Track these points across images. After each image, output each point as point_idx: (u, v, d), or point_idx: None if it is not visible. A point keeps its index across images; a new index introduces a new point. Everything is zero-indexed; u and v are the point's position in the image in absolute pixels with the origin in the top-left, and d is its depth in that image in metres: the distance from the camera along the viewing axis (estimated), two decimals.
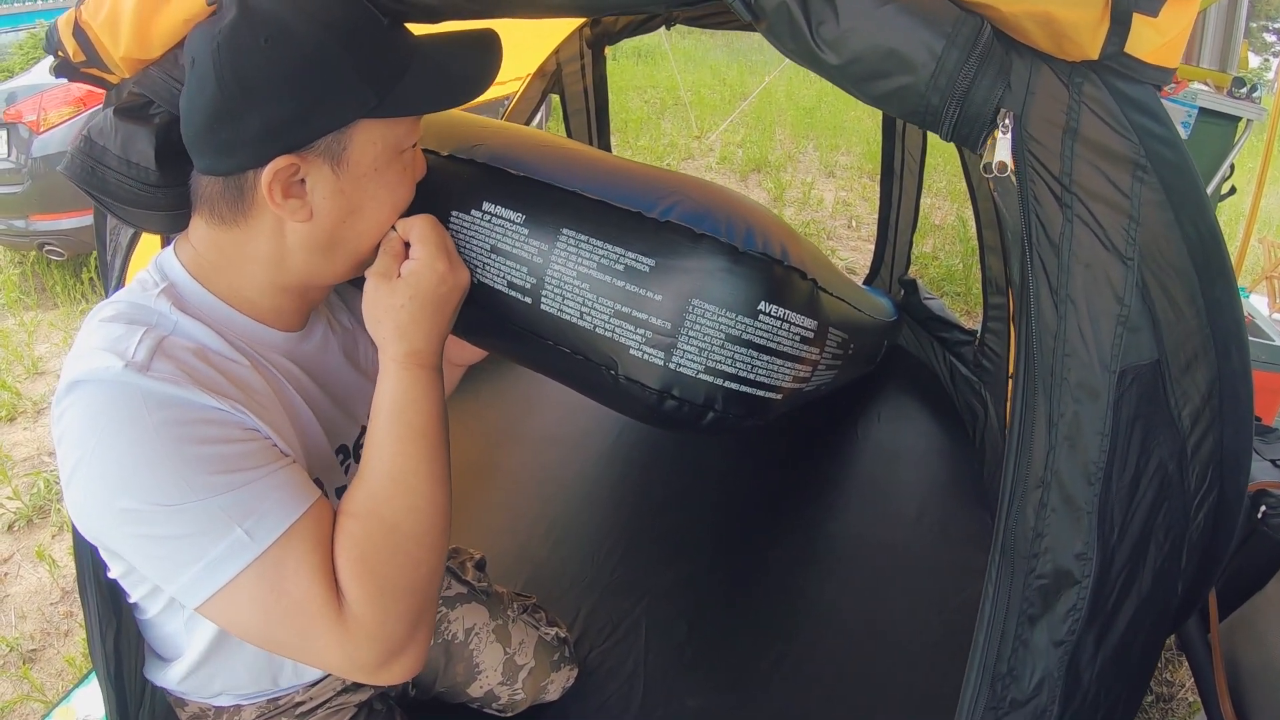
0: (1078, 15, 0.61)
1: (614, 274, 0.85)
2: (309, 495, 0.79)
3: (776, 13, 0.69)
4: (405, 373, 0.86)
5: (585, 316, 0.87)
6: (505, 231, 0.91)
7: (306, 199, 0.82)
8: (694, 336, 0.83)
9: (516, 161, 0.96)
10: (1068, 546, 0.69)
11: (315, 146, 0.80)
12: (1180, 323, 0.66)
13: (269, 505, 0.74)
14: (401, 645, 0.79)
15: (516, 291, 0.91)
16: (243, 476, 0.74)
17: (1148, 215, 0.64)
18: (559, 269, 0.88)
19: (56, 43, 0.96)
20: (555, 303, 0.89)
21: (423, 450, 0.85)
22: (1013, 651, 0.71)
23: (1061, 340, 0.66)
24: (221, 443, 0.75)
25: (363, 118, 0.81)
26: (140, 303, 0.83)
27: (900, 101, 0.69)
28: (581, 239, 0.87)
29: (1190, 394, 0.67)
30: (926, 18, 0.65)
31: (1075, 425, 0.67)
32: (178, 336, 0.81)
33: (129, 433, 0.72)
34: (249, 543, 0.73)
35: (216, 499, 0.72)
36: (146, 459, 0.72)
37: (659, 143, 7.21)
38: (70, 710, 1.92)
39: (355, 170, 0.83)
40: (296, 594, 0.74)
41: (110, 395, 0.72)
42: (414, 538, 0.82)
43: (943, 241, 5.07)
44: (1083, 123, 0.64)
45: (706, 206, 0.87)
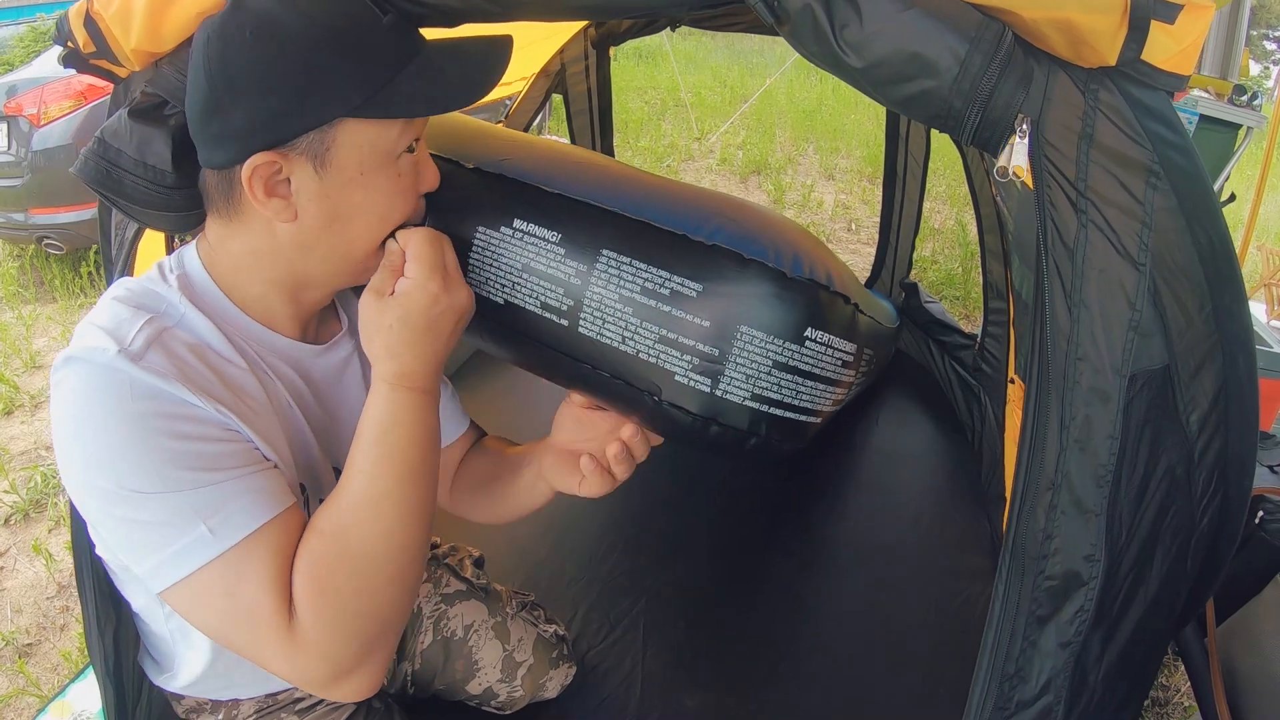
0: (1097, 22, 0.62)
1: (659, 298, 0.82)
2: (280, 503, 0.78)
3: (800, 16, 0.69)
4: (394, 394, 0.84)
5: (628, 341, 0.84)
6: (539, 250, 0.88)
7: (290, 200, 0.80)
8: (741, 363, 0.82)
9: (548, 177, 0.93)
10: (1077, 548, 0.69)
11: (297, 144, 0.78)
12: (1190, 328, 0.66)
13: (236, 507, 0.75)
14: (351, 667, 0.78)
15: (551, 313, 0.88)
16: (214, 476, 0.75)
17: (1160, 221, 0.65)
18: (599, 291, 0.85)
19: (67, 33, 0.95)
20: (595, 326, 0.86)
21: (402, 476, 0.82)
22: (1021, 652, 0.72)
23: (1074, 344, 0.67)
24: (198, 440, 0.75)
25: (345, 117, 0.79)
26: (153, 288, 0.83)
27: (923, 105, 0.69)
28: (624, 261, 0.84)
29: (1198, 399, 0.68)
30: (950, 22, 0.65)
31: (1086, 428, 0.67)
32: (181, 329, 0.81)
33: (110, 416, 0.73)
34: (211, 540, 0.73)
35: (186, 493, 0.73)
36: (122, 444, 0.73)
37: (659, 144, 7.21)
38: (66, 705, 1.91)
39: (340, 174, 0.81)
40: (248, 599, 0.74)
41: (98, 378, 0.73)
42: (378, 565, 0.80)
43: (942, 245, 5.08)
44: (1098, 129, 0.65)
45: (751, 230, 0.84)
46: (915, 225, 2.86)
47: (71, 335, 2.83)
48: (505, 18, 0.88)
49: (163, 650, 0.99)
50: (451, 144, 1.00)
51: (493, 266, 0.91)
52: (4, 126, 4.26)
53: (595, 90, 2.82)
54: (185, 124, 0.83)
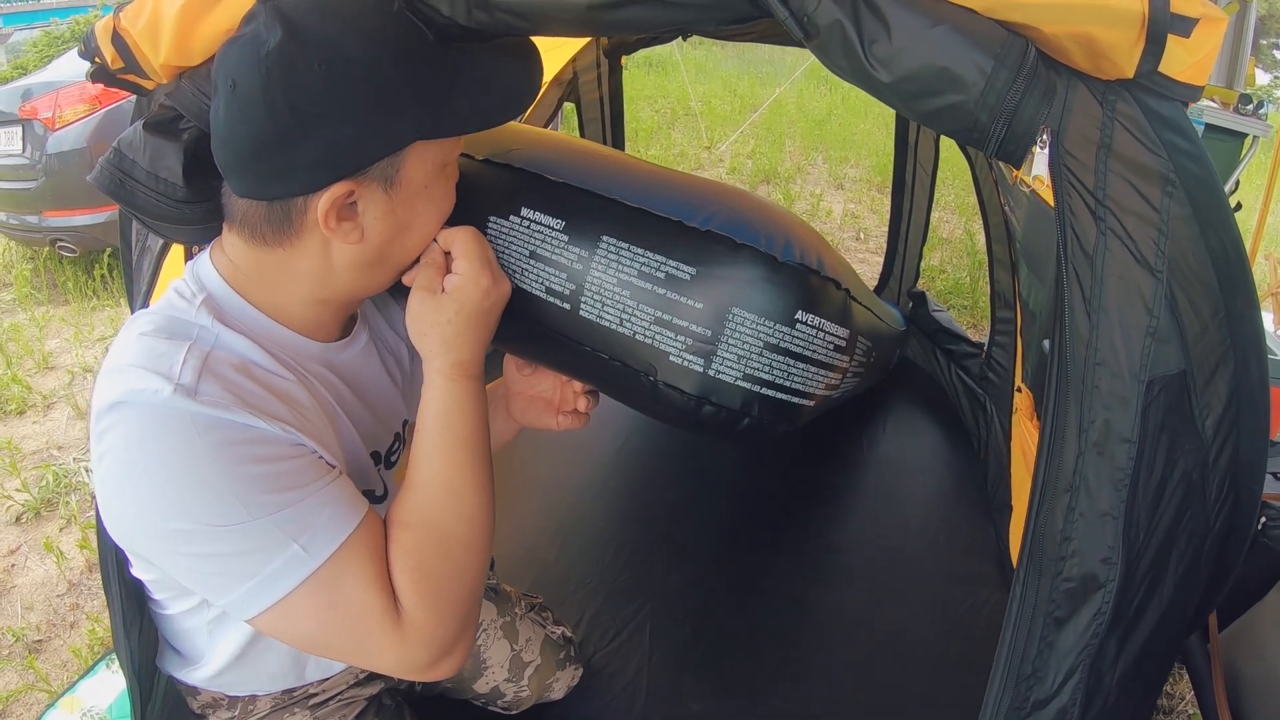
0: (1116, 36, 0.63)
1: (655, 281, 0.86)
2: (360, 507, 0.80)
3: (830, 31, 0.71)
4: (452, 384, 0.87)
5: (625, 323, 0.88)
6: (544, 238, 0.91)
7: (358, 220, 0.81)
8: (733, 344, 0.85)
9: (553, 167, 0.96)
10: (1095, 551, 0.70)
11: (370, 171, 0.79)
12: (1205, 335, 0.68)
13: (323, 520, 0.76)
14: (452, 645, 0.82)
15: (555, 298, 0.92)
16: (296, 495, 0.75)
17: (1176, 229, 0.66)
18: (599, 275, 0.89)
19: (94, 49, 0.95)
20: (595, 309, 0.90)
21: (469, 459, 0.87)
22: (1038, 653, 0.73)
23: (1093, 349, 0.68)
24: (273, 461, 0.75)
25: (419, 139, 0.80)
26: (180, 316, 0.81)
27: (949, 119, 0.71)
28: (622, 246, 0.88)
29: (1213, 404, 0.69)
30: (976, 38, 0.67)
31: (1104, 432, 0.69)
32: (221, 350, 0.80)
33: (181, 456, 0.72)
34: (305, 557, 0.74)
35: (271, 516, 0.73)
36: (200, 481, 0.72)
37: (669, 152, 7.23)
38: (76, 700, 1.92)
39: (408, 190, 0.83)
40: (356, 604, 0.77)
41: (159, 420, 0.72)
42: (464, 544, 0.84)
43: (950, 255, 5.08)
44: (1116, 139, 0.67)
45: (745, 216, 0.88)
46: (923, 234, 2.87)
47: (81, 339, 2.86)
48: (534, 33, 0.90)
49: (191, 644, 1.00)
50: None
51: (503, 254, 0.94)
52: (19, 130, 4.30)
53: (607, 99, 2.83)
54: (199, 139, 0.83)
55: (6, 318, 4.11)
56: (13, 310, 4.23)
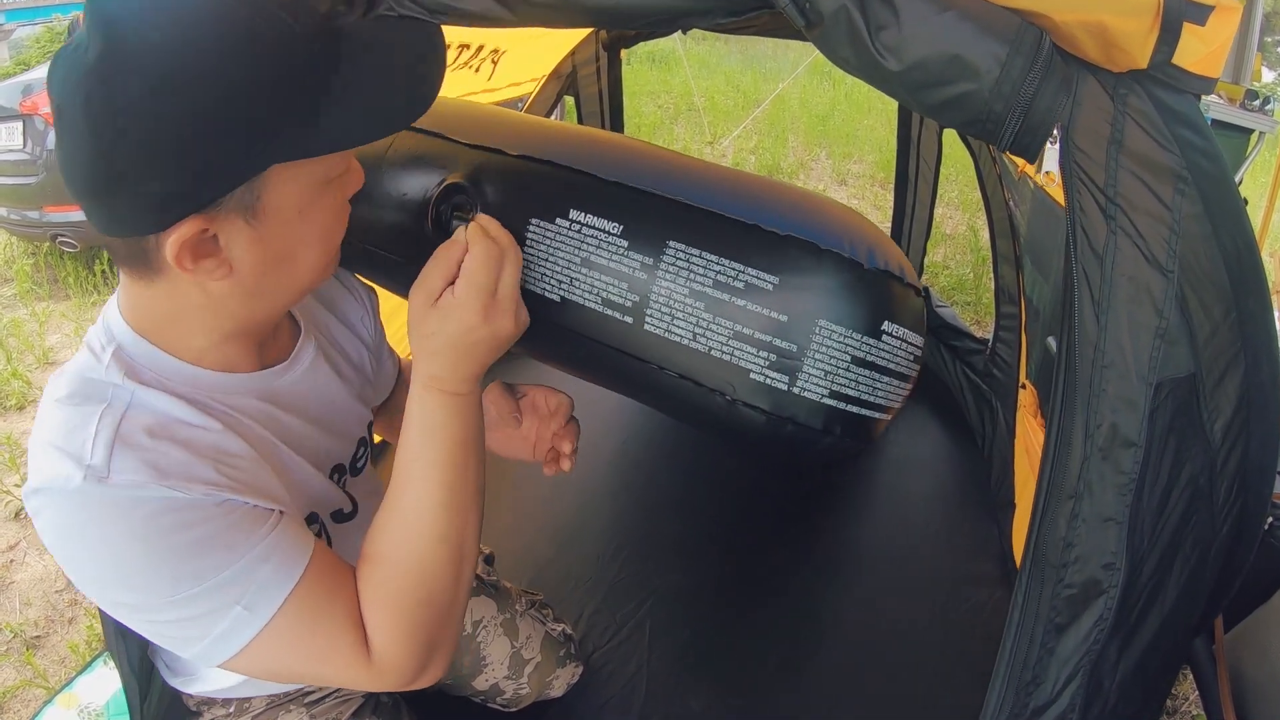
0: (1130, 24, 0.61)
1: (733, 292, 0.78)
2: (303, 553, 0.76)
3: (834, 18, 0.67)
4: (428, 395, 0.82)
5: (699, 338, 0.80)
6: (599, 243, 0.83)
7: (222, 255, 0.71)
8: (819, 359, 0.78)
9: (601, 164, 0.88)
10: (1097, 557, 0.69)
11: (224, 203, 0.68)
12: (1215, 336, 0.66)
13: (262, 577, 0.72)
14: (427, 663, 0.80)
15: (614, 310, 0.84)
16: (229, 557, 0.71)
17: (1188, 228, 0.64)
18: (667, 285, 0.80)
19: None
20: (662, 323, 0.82)
21: (450, 479, 0.81)
22: (1038, 660, 0.72)
23: (1101, 351, 0.66)
24: (198, 527, 0.70)
25: (278, 163, 0.69)
26: (91, 376, 0.75)
27: (961, 109, 0.68)
28: (693, 253, 0.80)
29: (1222, 406, 0.68)
30: (989, 25, 0.64)
31: (1110, 436, 0.67)
32: (136, 411, 0.73)
33: (105, 541, 0.69)
34: (250, 617, 0.72)
35: (206, 584, 0.70)
36: (128, 562, 0.69)
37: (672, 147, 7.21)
38: (73, 697, 1.92)
39: (276, 219, 0.72)
40: (318, 646, 0.75)
41: (76, 509, 0.68)
42: (441, 569, 0.80)
43: (954, 251, 5.06)
44: (1127, 134, 0.65)
45: (822, 219, 0.81)
46: (926, 230, 2.86)
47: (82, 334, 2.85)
48: (517, 23, 0.85)
49: (181, 663, 1.00)
50: (487, 133, 0.95)
51: (548, 261, 0.86)
52: (19, 125, 4.30)
53: (607, 92, 2.82)
54: None
55: (7, 313, 4.12)
56: (13, 305, 4.24)
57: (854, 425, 0.82)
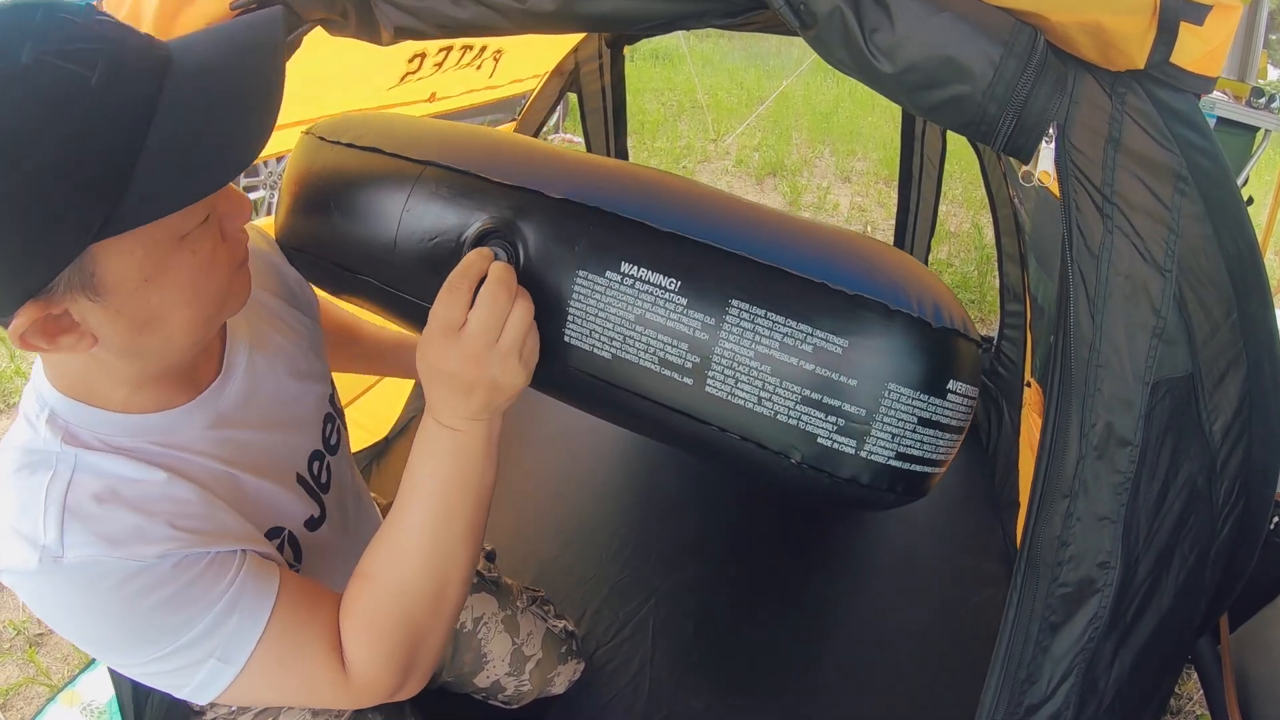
0: (1126, 24, 0.61)
1: (801, 355, 0.74)
2: (268, 595, 0.76)
3: (828, 20, 0.68)
4: (428, 423, 0.81)
5: (764, 402, 0.76)
6: (655, 300, 0.78)
7: (81, 329, 0.67)
8: (888, 422, 0.75)
9: (652, 210, 0.82)
10: (1091, 555, 0.69)
11: (55, 287, 0.63)
12: (1215, 336, 0.66)
13: (231, 629, 0.74)
14: (405, 682, 0.82)
15: (672, 370, 0.79)
16: (195, 613, 0.72)
17: (1187, 227, 0.64)
18: (730, 347, 0.76)
19: None
20: (725, 386, 0.77)
21: (436, 512, 0.80)
22: (1033, 658, 0.72)
23: (1096, 351, 0.66)
24: (162, 588, 0.71)
25: (90, 244, 0.62)
26: (32, 446, 0.74)
27: (956, 111, 0.68)
28: (758, 313, 0.75)
29: (1222, 408, 0.67)
30: (983, 26, 0.64)
31: (1105, 436, 0.67)
32: (82, 477, 0.72)
33: (72, 614, 0.71)
34: (225, 667, 0.74)
35: (177, 643, 0.72)
36: (100, 630, 0.72)
37: (675, 145, 7.21)
38: (75, 695, 1.93)
39: (119, 290, 0.66)
40: (296, 677, 0.77)
41: (41, 587, 0.70)
42: (421, 598, 0.80)
43: (957, 248, 5.06)
44: (1125, 133, 0.64)
45: (887, 274, 0.77)
46: (930, 228, 2.85)
47: None
48: (514, 31, 0.85)
49: None
50: (523, 170, 0.89)
51: (598, 317, 0.81)
52: None
53: (609, 89, 2.81)
54: None
55: None
56: None
57: (915, 483, 0.80)
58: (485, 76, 2.02)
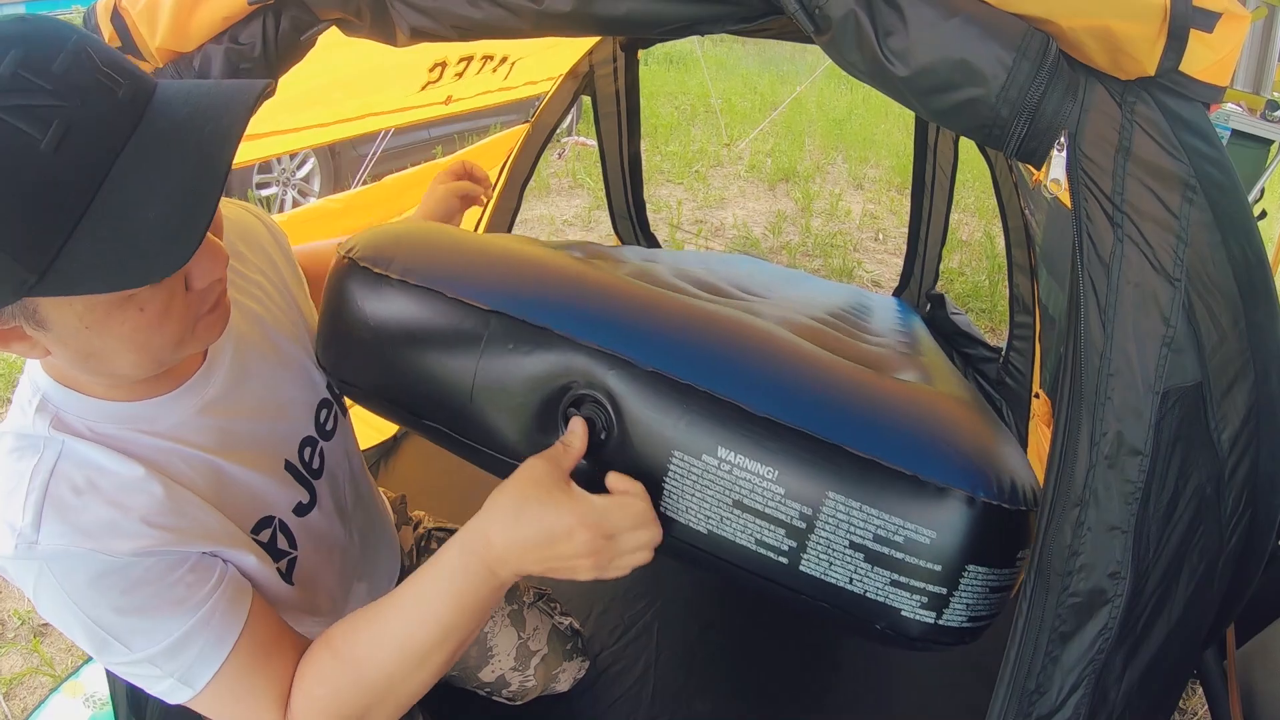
0: (1136, 30, 0.61)
1: (893, 545, 0.77)
2: (235, 624, 0.79)
3: (843, 24, 0.69)
4: (468, 552, 0.80)
5: (855, 582, 0.79)
6: (753, 488, 0.78)
7: (31, 340, 0.69)
8: (966, 596, 0.78)
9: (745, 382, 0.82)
10: (1102, 565, 0.68)
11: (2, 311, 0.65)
12: (1224, 345, 0.66)
13: (193, 653, 0.77)
14: None
15: (768, 550, 0.80)
16: (160, 622, 0.76)
17: (1196, 236, 0.64)
18: (826, 535, 0.78)
19: (93, 26, 0.95)
20: (819, 567, 0.79)
21: (439, 631, 0.80)
22: (1042, 668, 0.71)
23: (1107, 359, 0.66)
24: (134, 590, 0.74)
25: (26, 296, 0.62)
26: (23, 431, 0.76)
27: (968, 115, 0.69)
28: (853, 505, 0.77)
29: (1230, 417, 0.67)
30: (995, 30, 0.65)
31: (1116, 445, 0.67)
32: (66, 465, 0.75)
33: (44, 600, 0.74)
34: (182, 688, 0.78)
35: (141, 653, 0.76)
36: (69, 621, 0.75)
37: (689, 149, 7.22)
38: (79, 685, 1.94)
39: (62, 329, 0.68)
40: (245, 712, 0.81)
41: (19, 571, 0.73)
42: (389, 700, 0.82)
43: (969, 257, 5.06)
44: (1135, 142, 0.64)
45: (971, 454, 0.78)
46: (942, 236, 2.86)
47: None
48: (529, 33, 0.85)
49: None
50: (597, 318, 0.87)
51: (694, 496, 0.81)
52: None
53: (624, 93, 2.82)
54: None
55: None
56: None
57: (975, 634, 0.82)
58: (500, 79, 2.04)
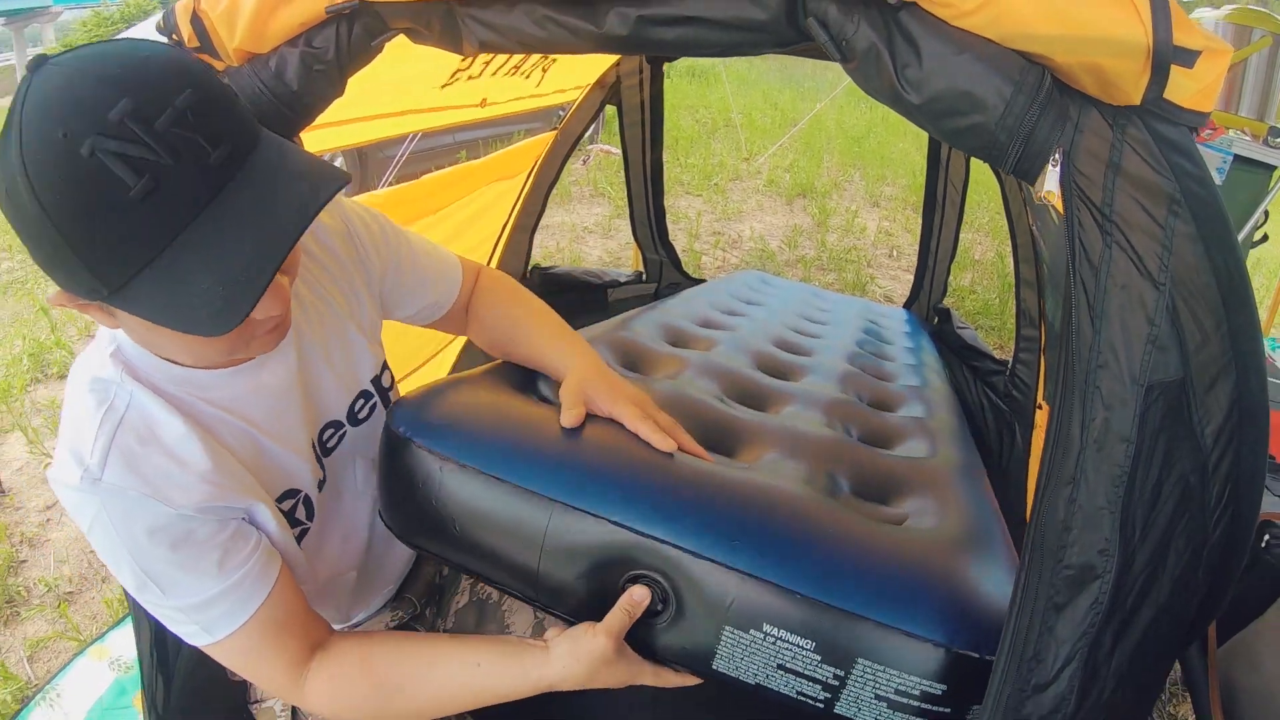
0: (1123, 66, 0.69)
1: (910, 697, 0.88)
2: (263, 589, 0.88)
3: (866, 55, 0.78)
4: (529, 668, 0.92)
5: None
6: (794, 654, 0.89)
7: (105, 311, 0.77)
8: None
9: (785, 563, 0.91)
10: (1092, 542, 0.74)
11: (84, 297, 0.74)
12: (1206, 345, 0.72)
13: (222, 608, 0.86)
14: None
15: (807, 699, 0.91)
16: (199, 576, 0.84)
17: (1180, 246, 0.71)
18: (855, 689, 0.89)
19: (173, 26, 1.01)
20: (850, 709, 0.90)
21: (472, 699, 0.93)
22: (1039, 637, 0.77)
23: (1096, 352, 0.73)
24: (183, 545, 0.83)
25: (101, 302, 0.73)
26: (98, 374, 0.84)
27: (972, 137, 0.77)
28: (878, 669, 0.87)
29: (1213, 413, 0.73)
30: (997, 65, 0.74)
31: (1104, 430, 0.73)
32: (133, 415, 0.83)
33: (95, 534, 0.82)
34: (204, 634, 0.87)
35: (175, 601, 0.84)
36: (114, 555, 0.83)
37: (708, 162, 7.28)
38: (104, 649, 1.98)
39: (127, 323, 0.79)
40: (261, 669, 0.92)
41: (76, 503, 0.81)
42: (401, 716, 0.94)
43: (981, 276, 5.09)
44: (1125, 159, 0.72)
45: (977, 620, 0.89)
46: (952, 250, 2.91)
47: None
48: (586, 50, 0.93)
49: None
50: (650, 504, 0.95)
51: (743, 659, 0.92)
52: None
53: (649, 104, 2.88)
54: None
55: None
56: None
57: None
58: (533, 85, 2.09)
